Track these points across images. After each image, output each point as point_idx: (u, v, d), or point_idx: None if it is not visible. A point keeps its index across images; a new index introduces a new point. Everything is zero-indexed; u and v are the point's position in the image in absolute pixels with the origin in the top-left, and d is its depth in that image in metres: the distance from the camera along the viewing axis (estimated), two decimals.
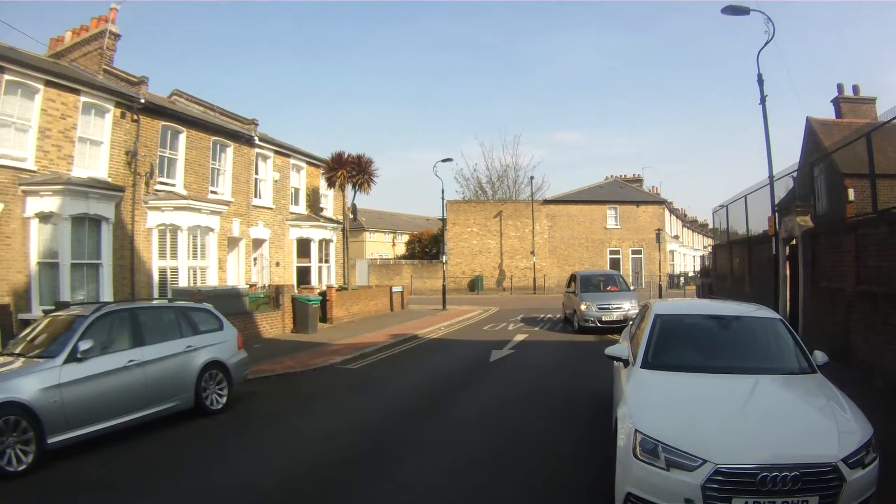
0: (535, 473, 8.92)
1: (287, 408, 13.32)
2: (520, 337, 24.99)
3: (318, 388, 15.29)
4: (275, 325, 24.94)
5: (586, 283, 27.96)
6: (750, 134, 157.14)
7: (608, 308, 25.85)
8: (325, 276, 34.58)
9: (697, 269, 63.32)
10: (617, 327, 24.25)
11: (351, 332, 25.93)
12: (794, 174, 21.63)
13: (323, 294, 28.57)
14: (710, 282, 32.82)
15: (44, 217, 18.90)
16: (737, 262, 26.15)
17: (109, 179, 21.41)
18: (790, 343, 8.61)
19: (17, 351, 10.39)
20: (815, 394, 7.44)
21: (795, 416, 6.94)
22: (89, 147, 21.13)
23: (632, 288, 30.66)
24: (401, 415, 12.47)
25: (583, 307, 26.16)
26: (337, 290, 30.57)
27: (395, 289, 37.82)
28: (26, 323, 12.20)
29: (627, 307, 25.50)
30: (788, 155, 64.88)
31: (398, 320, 30.90)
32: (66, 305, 12.79)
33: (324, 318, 28.09)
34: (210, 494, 8.30)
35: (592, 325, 25.63)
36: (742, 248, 24.86)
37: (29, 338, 10.82)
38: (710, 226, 52.26)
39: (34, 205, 18.70)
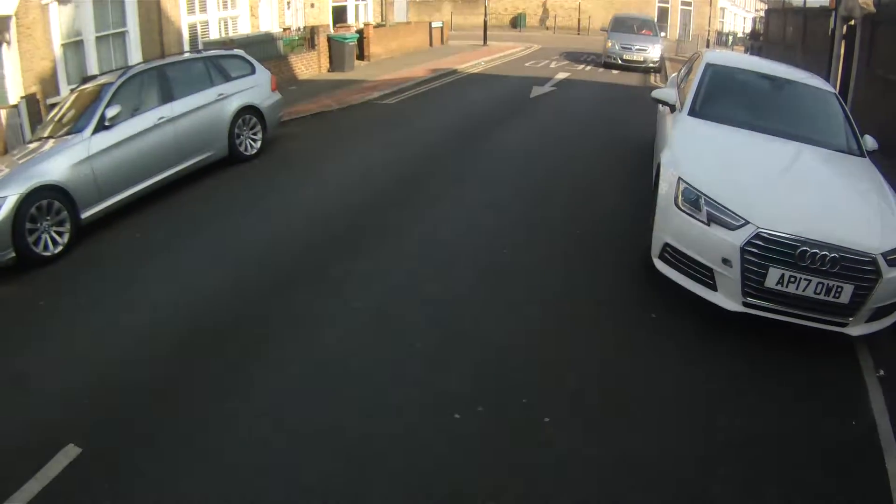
0: (574, 217, 8.90)
1: (323, 147, 13.23)
2: (562, 75, 24.26)
3: (355, 125, 15.12)
4: (310, 66, 24.39)
5: (619, 24, 29.64)
6: None
7: (630, 48, 27.53)
8: (363, 14, 33.46)
9: (748, 31, 60.40)
10: (636, 66, 27.07)
11: (389, 68, 25.32)
12: None
13: (360, 32, 27.66)
14: (759, 45, 31.42)
15: None
16: (790, 31, 24.69)
17: None
18: (841, 119, 8.10)
19: (46, 134, 10.01)
20: (861, 178, 7.01)
21: (841, 197, 6.64)
22: None
23: (662, 35, 31.90)
24: (438, 150, 12.39)
25: (608, 44, 28.24)
26: (374, 27, 29.57)
27: (434, 24, 36.53)
28: (55, 107, 11.92)
29: (650, 51, 27.44)
30: None
31: (437, 56, 30.02)
32: (93, 78, 12.35)
33: (361, 56, 27.42)
34: (246, 241, 8.38)
35: (613, 61, 27.68)
36: (797, 18, 23.44)
37: (57, 118, 10.41)
38: None
39: None
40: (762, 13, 41.94)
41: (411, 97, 18.95)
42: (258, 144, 12.58)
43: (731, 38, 55.62)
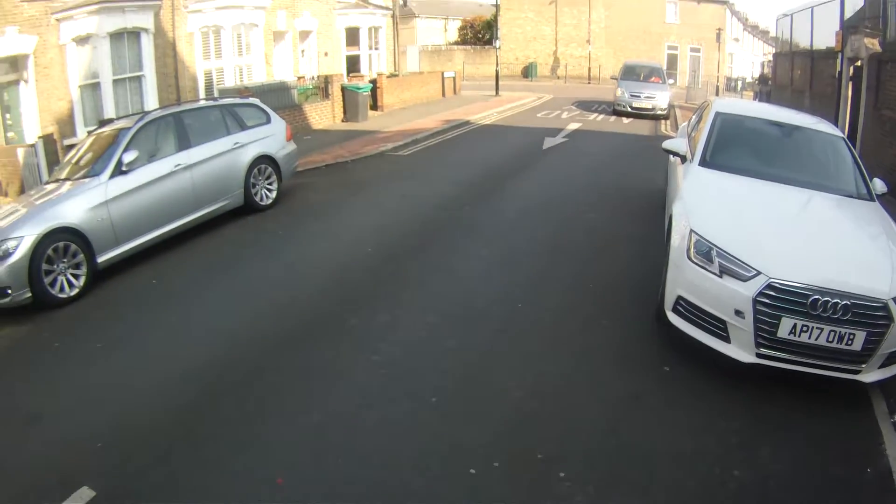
0: (585, 269, 8.94)
1: (337, 198, 13.29)
2: (573, 125, 24.47)
3: (369, 177, 15.24)
4: (324, 116, 24.65)
5: (628, 72, 30.74)
6: None
7: (639, 96, 28.18)
8: (376, 63, 33.84)
9: (756, 75, 60.73)
10: (645, 113, 27.72)
11: (402, 118, 25.57)
12: None
13: (373, 82, 27.94)
14: (768, 90, 31.63)
15: (81, 40, 18.26)
16: (798, 74, 24.90)
17: None
18: (850, 164, 8.14)
19: (64, 175, 10.13)
20: (871, 222, 7.04)
21: (850, 243, 6.65)
22: None
23: (670, 83, 32.74)
24: (451, 202, 12.44)
25: (618, 92, 28.99)
26: (387, 77, 29.91)
27: (446, 74, 36.89)
28: (72, 148, 12.11)
29: (658, 98, 28.07)
30: None
31: (450, 106, 30.31)
32: (109, 122, 12.55)
33: (374, 106, 27.68)
34: (261, 290, 8.44)
35: (622, 108, 28.39)
36: (804, 61, 23.57)
37: (74, 160, 10.56)
38: (773, 34, 49.66)
39: (69, 30, 17.97)
40: (770, 57, 42.29)
41: (424, 149, 19.13)
42: (273, 194, 12.69)
43: (739, 83, 55.86)
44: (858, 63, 16.72)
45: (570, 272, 8.82)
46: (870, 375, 5.77)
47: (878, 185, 7.84)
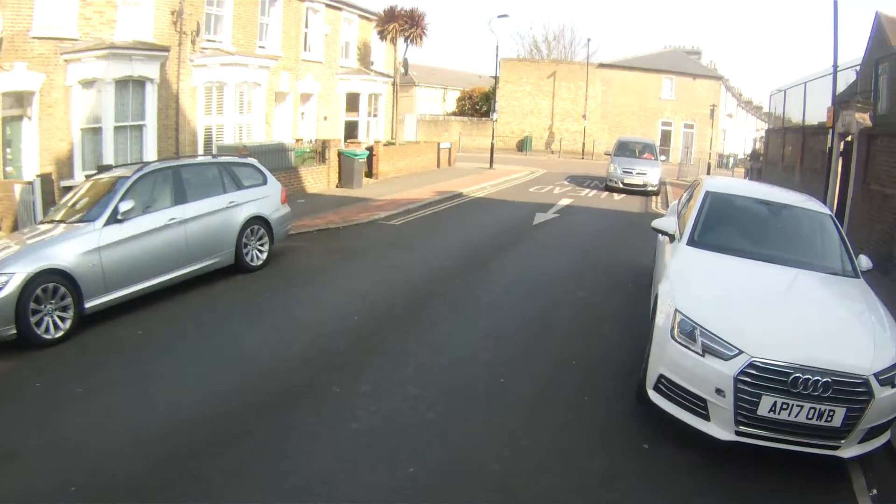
0: (570, 345, 8.95)
1: (327, 264, 13.36)
2: (565, 201, 24.77)
3: (360, 245, 15.31)
4: (320, 180, 24.88)
5: (621, 148, 31.66)
6: (816, 22, 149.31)
7: (630, 172, 29.13)
8: (374, 130, 34.37)
9: (748, 151, 61.58)
10: (636, 190, 28.79)
11: (396, 187, 25.85)
12: (857, 68, 20.66)
13: (369, 149, 28.26)
14: (759, 166, 32.25)
15: (87, 83, 18.65)
16: (789, 150, 25.42)
17: (154, 41, 20.92)
18: (837, 242, 8.34)
19: (59, 217, 10.28)
20: (855, 300, 7.20)
21: (834, 321, 6.78)
22: (133, 9, 20.50)
23: (662, 159, 33.45)
24: (440, 274, 12.48)
25: (610, 168, 29.91)
26: (384, 145, 30.28)
27: (442, 145, 37.33)
28: (69, 190, 12.23)
29: (649, 175, 29.08)
30: (852, 49, 61.81)
31: (444, 177, 30.66)
32: (108, 168, 12.73)
33: (369, 174, 27.96)
34: (247, 352, 8.44)
35: (614, 184, 29.26)
36: (796, 137, 24.07)
37: (70, 203, 10.72)
38: (766, 109, 50.60)
39: (76, 72, 18.41)
40: (762, 132, 43.04)
41: (417, 219, 19.27)
42: (264, 256, 12.78)
43: (731, 159, 56.65)
44: (849, 138, 17.02)
45: (554, 349, 8.85)
46: (849, 451, 5.83)
47: (864, 262, 8.02)
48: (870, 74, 19.32)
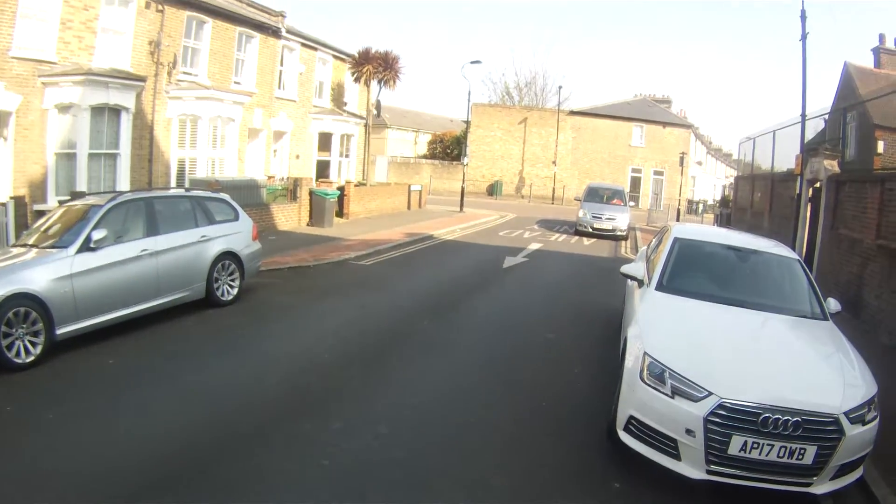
0: (540, 387, 8.96)
1: (297, 302, 13.35)
2: (534, 245, 24.94)
3: (330, 283, 15.31)
4: (291, 218, 24.91)
5: (591, 194, 32.51)
6: (784, 72, 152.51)
7: (600, 217, 30.08)
8: (345, 170, 34.48)
9: (718, 197, 62.51)
10: (605, 234, 29.68)
11: (366, 228, 25.92)
12: (826, 117, 21.22)
13: (341, 189, 28.44)
14: (728, 212, 32.77)
15: (63, 108, 18.68)
16: (758, 197, 25.91)
17: (131, 69, 21.06)
18: (805, 285, 8.53)
19: (31, 242, 10.26)
20: (824, 341, 7.37)
21: (803, 362, 6.92)
22: (112, 37, 20.69)
23: (630, 205, 35.12)
24: (409, 315, 12.50)
25: (580, 213, 30.84)
26: (355, 185, 30.40)
27: (413, 187, 37.63)
28: (42, 214, 12.19)
29: (618, 220, 29.99)
30: (820, 101, 63.98)
31: (414, 219, 30.81)
32: (81, 195, 12.71)
33: (340, 213, 28.07)
34: (216, 386, 8.39)
35: (584, 229, 30.11)
36: (765, 184, 24.58)
37: (43, 228, 10.70)
38: (735, 157, 51.51)
39: (53, 96, 18.45)
40: (731, 180, 43.75)
41: (387, 260, 19.32)
42: (235, 291, 12.78)
43: (701, 206, 57.31)
44: (817, 184, 17.35)
45: (525, 390, 8.87)
46: (821, 487, 5.93)
47: (832, 305, 8.21)
48: (838, 122, 19.84)
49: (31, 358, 8.64)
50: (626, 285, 10.48)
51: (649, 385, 6.28)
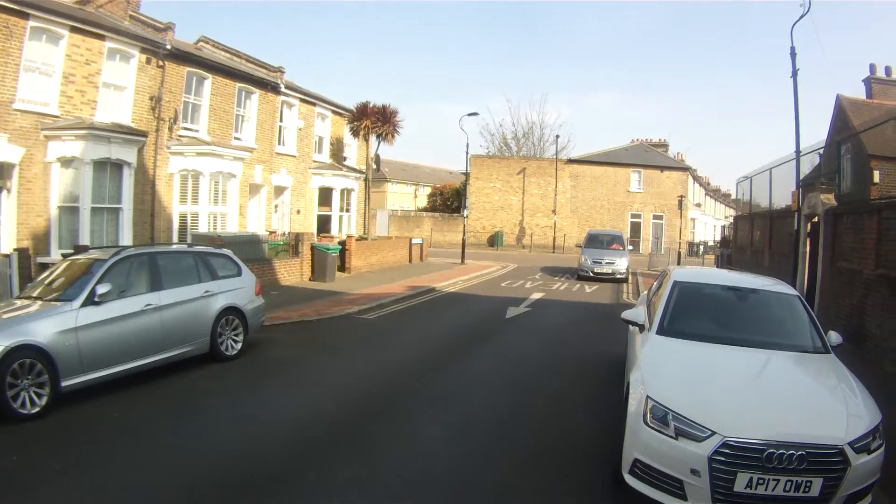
0: (545, 435, 8.95)
1: (301, 356, 13.38)
2: (536, 295, 24.98)
3: (334, 338, 15.35)
4: (293, 273, 25.04)
5: (591, 240, 34.55)
6: (778, 107, 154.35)
7: (600, 262, 32.02)
8: (346, 225, 34.67)
9: (718, 238, 62.60)
10: (606, 277, 31.47)
11: (369, 282, 26.00)
12: (821, 151, 21.33)
13: (342, 243, 28.54)
14: (729, 252, 32.85)
15: (65, 161, 18.98)
16: (757, 235, 25.98)
17: (133, 125, 21.44)
18: (806, 321, 8.58)
19: (35, 294, 10.44)
20: (826, 374, 7.42)
21: (806, 396, 6.95)
22: (113, 92, 21.12)
23: (629, 249, 37.26)
24: (414, 368, 12.49)
25: (581, 259, 32.80)
26: (357, 239, 30.54)
27: (414, 241, 37.77)
28: (45, 266, 12.33)
29: (618, 264, 31.84)
30: (815, 132, 64.13)
31: (416, 272, 30.90)
32: (85, 249, 12.87)
33: (342, 268, 28.16)
34: (221, 441, 8.38)
35: (585, 273, 31.94)
36: (763, 221, 24.65)
37: (47, 281, 10.87)
38: (733, 196, 51.80)
39: (56, 149, 18.77)
40: (731, 219, 43.96)
41: (389, 313, 19.36)
42: (239, 346, 12.84)
43: (701, 247, 57.36)
44: (815, 219, 17.43)
45: (531, 439, 8.83)
46: None
47: (833, 338, 8.27)
48: (833, 156, 19.96)
49: (37, 409, 8.73)
50: (627, 331, 10.53)
51: (653, 428, 6.30)
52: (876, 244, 12.71)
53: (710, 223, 78.75)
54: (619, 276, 31.62)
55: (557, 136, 66.53)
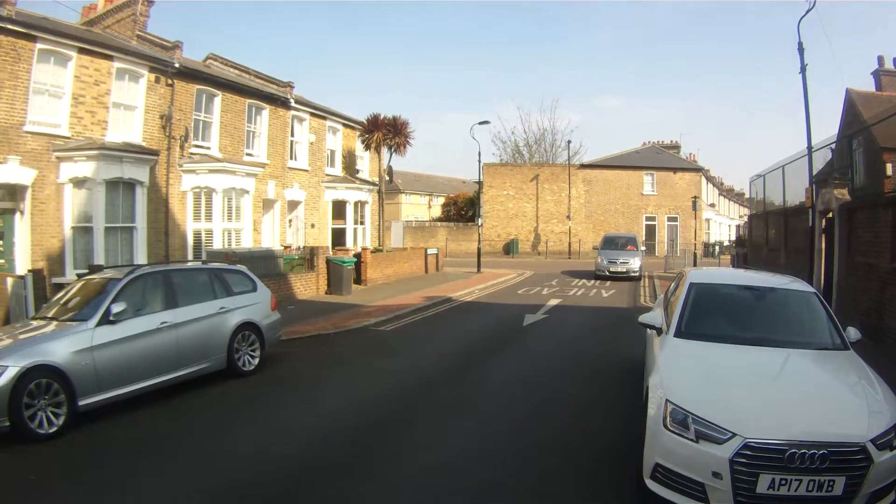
0: (566, 441, 8.89)
1: (319, 370, 13.39)
2: (553, 301, 24.93)
3: (351, 350, 15.34)
4: (309, 287, 25.08)
5: (607, 243, 38.05)
6: (789, 104, 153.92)
7: (615, 262, 34.96)
8: (361, 237, 34.68)
9: (733, 238, 62.39)
10: (621, 276, 34.26)
11: (385, 293, 26.00)
12: (833, 146, 21.18)
13: (357, 256, 28.59)
14: (744, 252, 32.71)
15: (78, 182, 19.07)
16: (772, 233, 25.85)
17: (144, 143, 21.54)
18: (824, 318, 8.50)
19: (51, 314, 10.50)
20: (846, 371, 7.32)
21: (826, 394, 6.86)
22: (123, 112, 21.23)
23: (642, 249, 40.47)
24: (432, 379, 12.47)
25: (598, 260, 35.93)
26: (372, 251, 30.57)
27: (430, 251, 37.76)
28: (60, 287, 12.42)
29: (631, 263, 34.81)
30: (827, 126, 64.09)
31: (432, 283, 30.88)
32: (99, 269, 12.92)
33: (358, 280, 28.15)
34: (240, 456, 8.36)
35: (602, 273, 34.94)
36: (778, 219, 24.53)
37: (62, 301, 10.92)
38: (747, 195, 51.56)
39: (68, 170, 18.87)
40: (745, 218, 43.90)
41: (407, 325, 19.35)
42: (256, 361, 12.85)
43: (717, 248, 57.13)
44: (830, 215, 17.31)
45: (551, 444, 8.77)
46: None
47: (852, 334, 8.21)
48: (845, 150, 19.83)
49: (55, 428, 8.77)
50: (645, 334, 10.47)
51: (673, 431, 6.23)
52: (892, 237, 12.61)
53: (724, 223, 78.43)
54: (632, 274, 34.40)
55: (569, 142, 66.75)
